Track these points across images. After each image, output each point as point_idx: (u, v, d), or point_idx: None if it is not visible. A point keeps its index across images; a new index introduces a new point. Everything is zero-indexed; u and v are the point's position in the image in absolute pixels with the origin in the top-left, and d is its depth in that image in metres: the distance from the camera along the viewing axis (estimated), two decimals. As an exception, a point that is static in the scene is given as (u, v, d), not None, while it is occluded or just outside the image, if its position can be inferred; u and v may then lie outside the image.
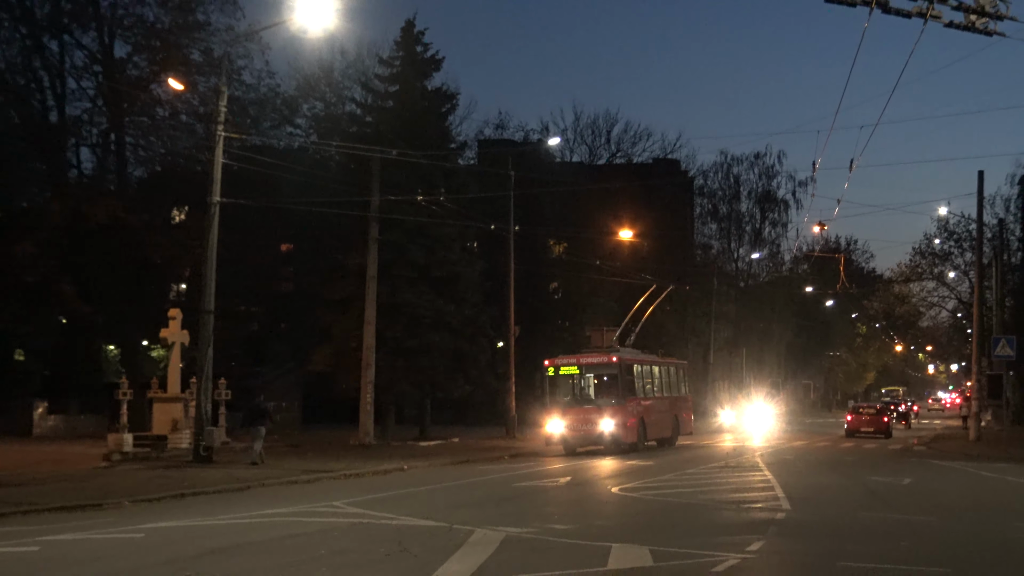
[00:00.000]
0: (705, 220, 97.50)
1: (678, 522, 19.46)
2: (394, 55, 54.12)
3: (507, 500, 23.93)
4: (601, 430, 40.77)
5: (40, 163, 56.98)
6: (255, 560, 15.16)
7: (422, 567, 14.27)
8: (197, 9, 54.97)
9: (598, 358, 42.91)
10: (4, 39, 55.70)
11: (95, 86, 56.63)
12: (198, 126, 52.48)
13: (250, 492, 25.95)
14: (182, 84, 49.29)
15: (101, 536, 17.71)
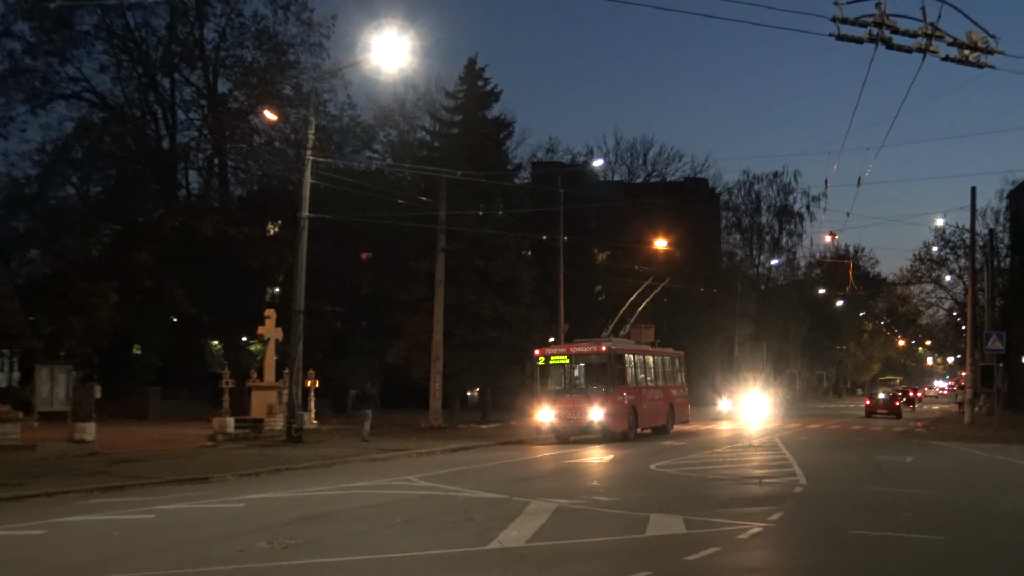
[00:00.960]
0: (730, 231, 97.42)
1: (708, 495, 19.34)
2: (458, 89, 54.20)
3: (557, 475, 23.90)
4: (590, 419, 36.05)
5: (155, 184, 57.56)
6: (339, 526, 15.22)
7: (485, 533, 14.27)
8: (288, 51, 55.40)
9: (587, 348, 37.98)
10: (124, 77, 56.31)
11: (201, 118, 57.16)
12: (289, 151, 52.80)
13: (335, 468, 26.03)
14: (276, 115, 49.66)
15: (208, 505, 17.84)
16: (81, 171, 58.24)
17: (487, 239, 49.91)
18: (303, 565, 11.99)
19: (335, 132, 55.78)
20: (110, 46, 55.32)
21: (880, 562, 12.28)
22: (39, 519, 16.09)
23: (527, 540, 13.70)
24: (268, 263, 52.15)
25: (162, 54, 55.65)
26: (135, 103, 56.89)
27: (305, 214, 34.81)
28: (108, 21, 54.59)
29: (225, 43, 56.08)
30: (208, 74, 56.27)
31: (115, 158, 57.33)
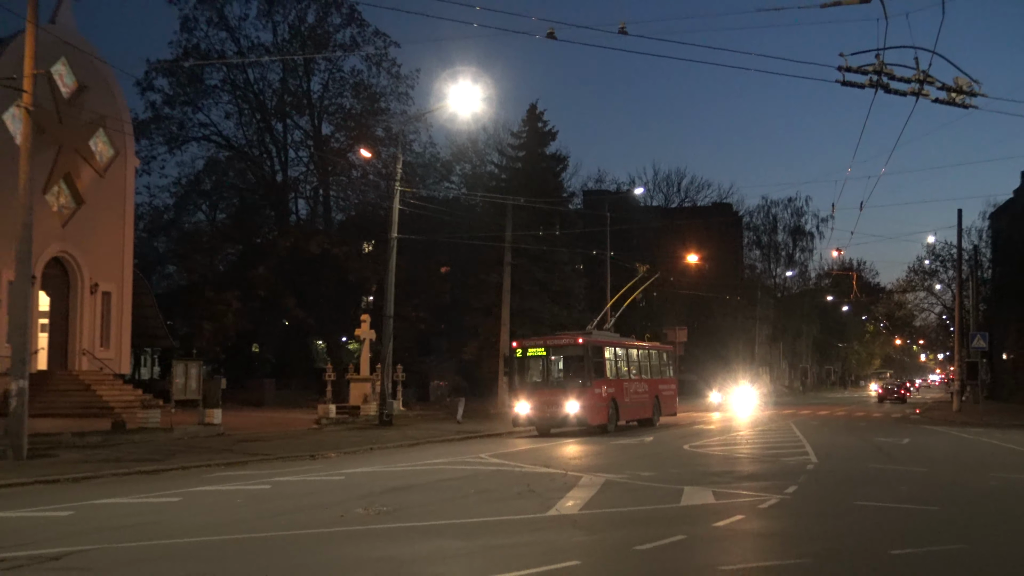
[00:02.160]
0: (751, 248, 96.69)
1: (733, 470, 19.16)
2: (522, 130, 54.33)
3: (605, 454, 23.78)
4: (567, 411, 30.28)
5: (271, 211, 58.18)
6: (423, 495, 15.24)
7: (545, 502, 14.23)
8: (380, 99, 55.93)
9: (564, 340, 32.27)
10: (245, 123, 57.09)
11: (308, 155, 57.77)
12: (381, 183, 53.17)
13: (419, 447, 26.06)
14: (370, 153, 50.07)
15: (315, 478, 17.94)
16: (210, 200, 59.15)
17: (546, 255, 50.03)
18: (393, 528, 12.01)
19: (419, 166, 56.12)
20: (234, 97, 56.14)
21: (881, 528, 12.10)
22: (175, 489, 16.27)
23: (580, 508, 13.63)
24: (363, 276, 52.53)
25: (276, 103, 56.29)
26: (254, 144, 57.62)
27: (394, 235, 34.97)
28: (232, 76, 55.41)
29: (328, 93, 56.75)
30: (314, 119, 56.87)
31: (238, 190, 58.14)
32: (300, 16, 55.46)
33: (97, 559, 10.11)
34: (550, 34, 17.48)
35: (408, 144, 53.04)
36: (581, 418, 30.22)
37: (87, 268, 37.92)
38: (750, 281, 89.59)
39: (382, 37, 55.84)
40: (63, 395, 35.12)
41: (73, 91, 37.55)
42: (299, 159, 58.56)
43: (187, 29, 53.59)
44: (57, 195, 37.14)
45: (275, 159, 57.43)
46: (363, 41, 55.38)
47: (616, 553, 10.42)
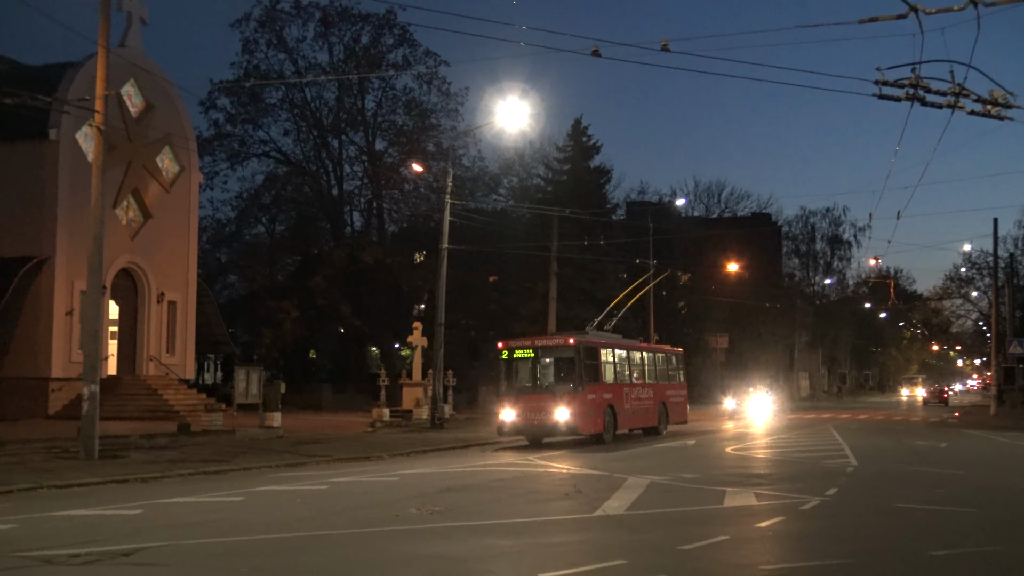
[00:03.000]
0: (790, 256, 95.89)
1: (774, 473, 19.01)
2: (567, 144, 54.38)
3: (649, 456, 23.69)
4: (556, 419, 26.28)
5: (327, 223, 58.62)
6: (474, 495, 15.28)
7: (591, 502, 14.20)
8: (431, 116, 56.22)
9: (554, 341, 28.69)
10: (303, 139, 57.61)
11: (363, 170, 58.15)
12: (432, 196, 53.37)
13: (470, 450, 26.10)
14: (421, 167, 50.31)
15: (370, 479, 18.03)
16: (269, 214, 59.73)
17: (590, 264, 49.98)
18: (445, 527, 12.06)
19: (468, 180, 56.27)
20: (292, 115, 56.66)
21: (920, 529, 11.96)
22: (238, 488, 16.43)
23: (626, 509, 13.60)
24: (415, 285, 52.75)
25: (332, 120, 56.73)
26: (311, 159, 58.12)
27: (445, 246, 35.10)
28: (290, 95, 55.92)
29: (381, 110, 57.12)
30: (368, 135, 57.27)
31: (295, 203, 58.64)
32: (355, 38, 55.93)
33: (166, 555, 10.24)
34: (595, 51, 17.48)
35: (458, 158, 53.21)
36: (571, 426, 26.32)
37: (154, 278, 38.44)
38: (789, 289, 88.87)
39: (433, 56, 56.16)
40: (132, 399, 35.60)
41: (141, 111, 38.13)
42: (354, 173, 59.02)
43: (248, 51, 54.25)
44: (126, 209, 37.70)
45: (331, 174, 57.86)
46: (414, 60, 55.71)
47: (661, 552, 10.39)
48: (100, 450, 21.17)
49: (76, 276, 33.44)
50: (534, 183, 59.27)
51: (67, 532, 11.82)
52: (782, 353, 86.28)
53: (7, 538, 11.33)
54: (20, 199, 34.83)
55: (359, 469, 20.01)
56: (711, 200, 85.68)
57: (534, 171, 61.17)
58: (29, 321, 34.36)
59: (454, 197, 36.93)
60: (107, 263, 29.35)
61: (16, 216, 34.81)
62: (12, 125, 31.85)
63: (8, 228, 34.77)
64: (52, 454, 22.22)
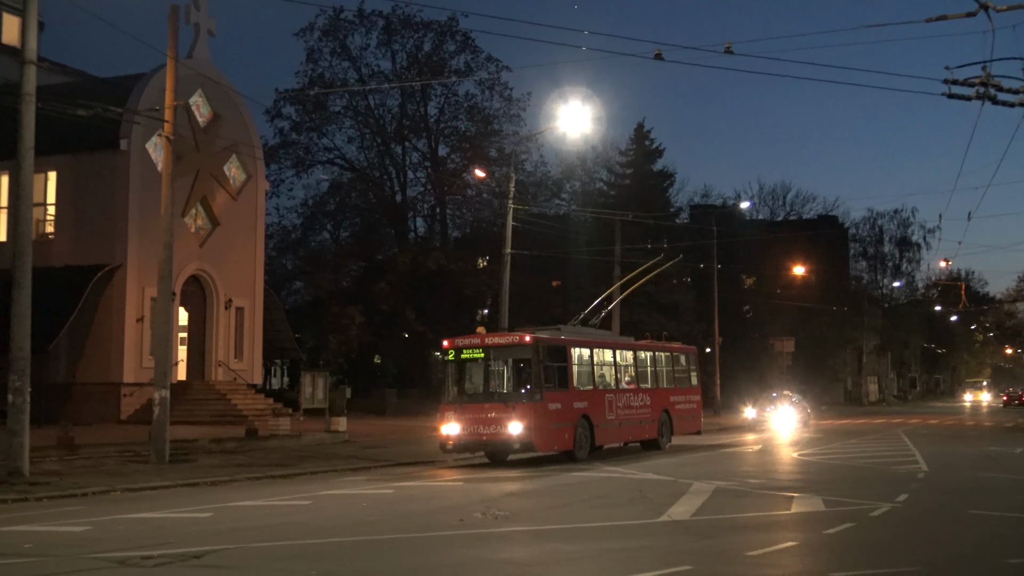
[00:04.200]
0: (857, 259, 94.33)
1: (842, 478, 18.75)
2: (629, 148, 54.30)
3: (715, 461, 23.50)
4: (508, 433, 21.55)
5: (390, 229, 59.05)
6: (537, 500, 15.29)
7: (657, 507, 14.13)
8: (493, 121, 56.35)
9: (508, 339, 23.60)
10: (366, 146, 58.11)
11: (426, 176, 58.49)
12: (495, 201, 53.47)
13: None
14: (484, 173, 50.44)
15: (435, 483, 18.14)
16: (334, 220, 60.31)
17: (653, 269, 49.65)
18: (510, 532, 12.08)
19: (531, 185, 56.28)
20: (356, 122, 57.20)
21: (994, 536, 11.71)
22: (304, 492, 16.62)
23: (692, 514, 13.50)
24: (478, 290, 52.92)
25: (395, 127, 57.16)
26: (375, 166, 58.60)
27: (508, 251, 35.16)
28: (354, 103, 56.46)
29: (444, 117, 57.41)
30: (431, 141, 57.61)
31: (360, 210, 59.17)
32: (417, 45, 56.28)
33: (236, 557, 10.40)
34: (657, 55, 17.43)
35: (520, 163, 53.24)
36: (526, 441, 21.65)
37: (222, 285, 39.01)
38: (856, 292, 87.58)
39: (494, 62, 56.36)
40: (201, 404, 36.15)
41: (209, 120, 38.75)
42: (417, 180, 59.38)
43: (313, 60, 54.89)
44: (195, 217, 38.32)
45: (395, 180, 58.29)
46: (476, 67, 55.93)
47: (727, 558, 10.30)
48: (170, 454, 21.54)
49: (147, 283, 34.06)
50: (597, 187, 59.15)
51: (140, 534, 12.06)
52: (850, 357, 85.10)
53: (82, 540, 11.59)
54: (93, 208, 35.59)
55: (424, 473, 20.12)
56: (776, 203, 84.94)
57: (596, 175, 61.04)
58: (101, 328, 35.07)
59: (517, 202, 36.97)
60: (177, 270, 29.85)
61: (89, 225, 35.57)
62: (85, 136, 32.53)
63: (82, 237, 35.54)
64: (124, 458, 22.66)
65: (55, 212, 36.60)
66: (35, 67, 18.55)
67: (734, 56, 16.63)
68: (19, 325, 17.84)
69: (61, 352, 34.31)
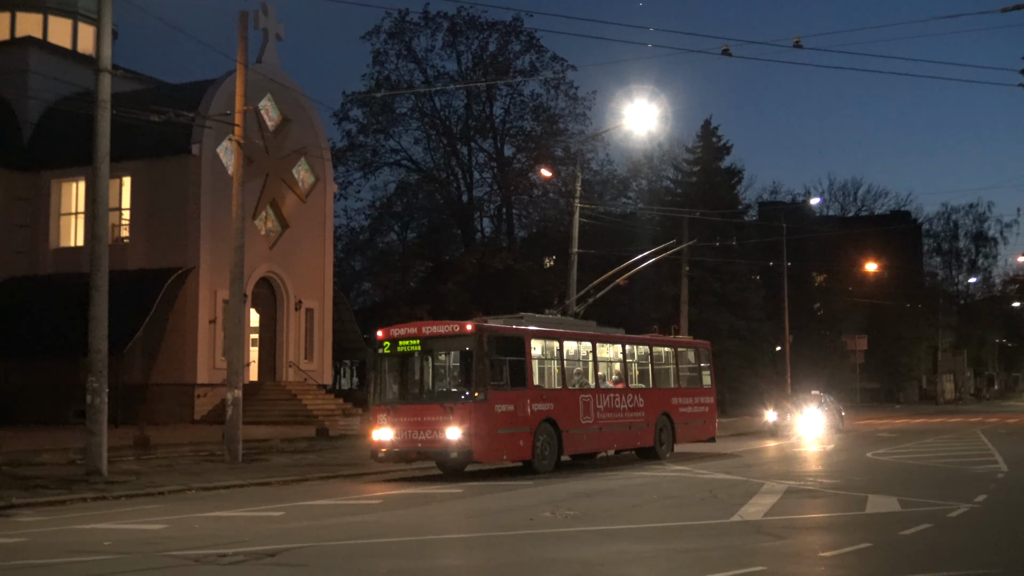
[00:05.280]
0: (931, 255, 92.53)
1: (918, 479, 18.40)
2: (696, 145, 53.88)
3: (787, 461, 23.22)
4: (446, 440, 18.37)
5: (457, 230, 59.31)
6: (607, 501, 15.23)
7: (727, 508, 13.99)
8: (559, 121, 56.32)
9: (447, 328, 19.85)
10: (433, 147, 58.41)
11: (492, 176, 58.65)
12: (561, 200, 53.43)
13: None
14: (550, 172, 50.44)
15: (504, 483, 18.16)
16: (401, 221, 60.80)
17: (722, 267, 49.37)
18: (580, 531, 12.06)
19: (597, 183, 56.14)
20: (422, 123, 57.56)
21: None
22: (376, 492, 16.75)
23: (763, 514, 13.35)
24: (545, 290, 52.86)
25: (461, 128, 57.41)
26: (441, 167, 58.89)
27: (575, 250, 35.13)
28: (420, 104, 56.83)
29: (509, 117, 57.52)
30: (497, 142, 57.75)
31: (427, 210, 59.56)
32: (482, 45, 56.48)
33: (309, 556, 10.52)
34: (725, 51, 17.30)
35: (586, 162, 53.14)
36: (463, 450, 18.40)
37: (292, 286, 39.52)
38: (931, 289, 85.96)
39: (560, 61, 56.33)
40: (272, 404, 36.67)
41: (278, 124, 39.28)
42: (483, 180, 59.59)
43: (379, 62, 55.38)
44: (265, 220, 38.88)
45: (461, 181, 58.56)
46: (542, 66, 55.95)
47: (801, 559, 10.17)
48: (243, 453, 21.87)
49: (219, 286, 34.65)
50: (663, 185, 58.81)
51: (214, 532, 12.26)
52: (924, 355, 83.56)
53: (158, 538, 11.82)
54: (166, 213, 36.31)
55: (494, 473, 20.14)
56: (847, 199, 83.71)
57: (663, 173, 60.69)
58: (175, 330, 35.76)
59: (583, 201, 36.90)
60: (248, 272, 30.32)
61: (163, 229, 36.29)
62: (158, 142, 33.21)
63: (155, 241, 36.28)
64: (199, 457, 23.08)
65: (130, 217, 37.43)
66: (109, 75, 18.98)
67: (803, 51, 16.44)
68: (96, 327, 18.25)
69: (137, 354, 35.06)
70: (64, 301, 33.92)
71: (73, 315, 29.08)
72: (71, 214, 38.86)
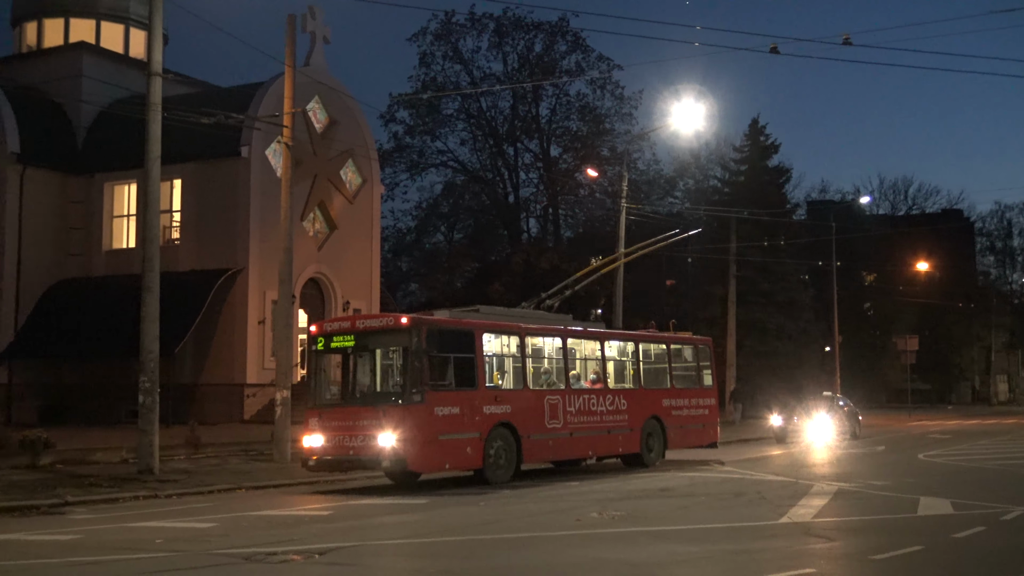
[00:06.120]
0: (984, 254, 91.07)
1: (971, 481, 18.11)
2: (744, 144, 53.49)
3: (836, 463, 22.96)
4: (378, 447, 16.22)
5: (504, 230, 59.40)
6: (656, 501, 15.16)
7: (777, 509, 13.86)
8: (605, 120, 56.27)
9: (381, 322, 18.20)
10: (479, 148, 58.58)
11: (538, 177, 58.66)
12: (607, 200, 53.32)
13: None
14: (596, 172, 50.39)
15: (549, 483, 18.15)
16: (448, 222, 61.02)
17: (771, 266, 48.95)
18: (627, 532, 12.01)
19: (643, 183, 56.02)
20: (468, 124, 57.74)
21: None
22: (421, 491, 16.79)
23: (813, 516, 13.21)
24: (591, 290, 52.74)
25: (507, 128, 57.49)
26: (487, 167, 59.03)
27: (622, 250, 35.02)
28: (466, 106, 57.02)
29: (555, 117, 57.54)
30: (543, 142, 57.75)
31: (473, 211, 59.71)
32: (528, 46, 56.52)
33: (358, 554, 10.57)
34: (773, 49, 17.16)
35: (632, 162, 53.04)
36: (396, 458, 16.26)
37: (339, 287, 39.79)
38: (984, 288, 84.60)
39: (605, 61, 56.23)
40: (321, 404, 36.87)
41: (325, 126, 39.57)
42: (529, 180, 59.63)
43: (425, 64, 55.63)
44: (313, 221, 39.17)
45: (507, 181, 58.65)
46: (587, 66, 55.90)
47: (852, 562, 10.05)
48: (292, 454, 22.03)
49: (267, 286, 34.97)
50: (710, 185, 58.50)
51: (264, 531, 12.37)
52: (977, 355, 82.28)
53: (209, 536, 11.95)
54: (216, 214, 36.70)
55: (539, 475, 20.13)
56: (897, 197, 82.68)
57: (710, 172, 60.38)
58: (225, 330, 36.13)
59: (629, 201, 36.81)
60: (296, 273, 30.55)
61: (212, 231, 36.70)
62: (208, 145, 33.57)
63: (205, 242, 36.69)
64: (248, 456, 23.30)
65: (180, 218, 37.88)
66: (160, 79, 19.23)
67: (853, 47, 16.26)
68: (148, 328, 18.50)
69: (187, 354, 35.47)
70: (117, 302, 34.41)
71: (125, 316, 29.52)
72: (123, 216, 39.41)
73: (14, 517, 14.02)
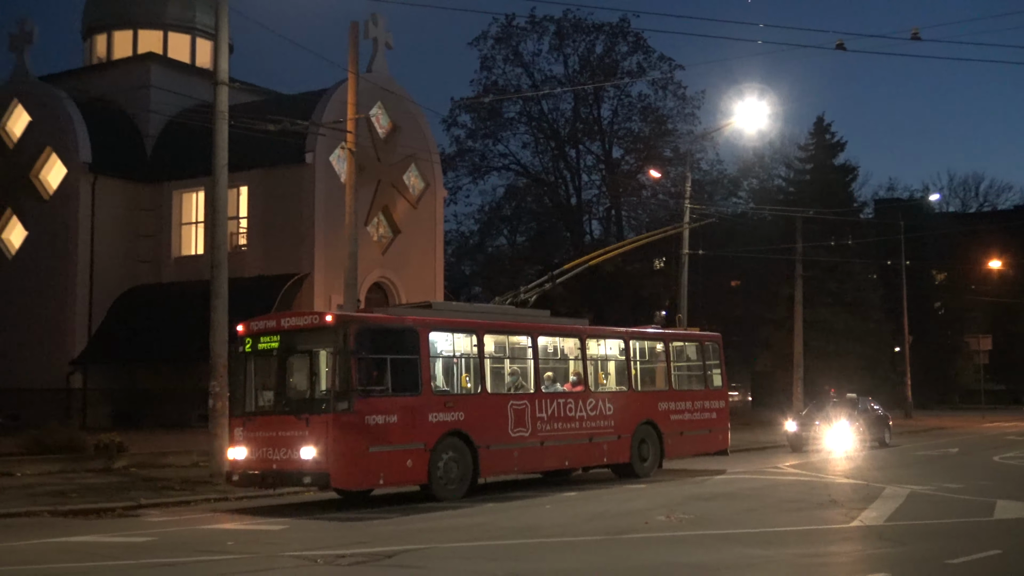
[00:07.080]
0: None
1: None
2: (809, 142, 52.95)
3: (909, 465, 22.59)
4: (301, 458, 14.55)
5: (566, 232, 59.30)
6: (723, 505, 15.04)
7: (848, 512, 13.68)
8: (667, 121, 55.85)
9: (305, 320, 15.92)
10: (541, 151, 58.47)
11: (600, 178, 58.42)
12: (670, 201, 52.92)
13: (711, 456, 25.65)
14: (659, 173, 50.10)
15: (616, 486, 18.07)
16: (510, 225, 61.07)
17: (838, 266, 48.40)
18: (696, 535, 11.94)
19: (707, 184, 55.56)
20: (529, 127, 57.67)
21: None
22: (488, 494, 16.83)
23: (885, 520, 13.01)
24: (655, 291, 52.62)
25: (569, 131, 57.38)
26: (549, 170, 58.96)
27: (685, 251, 34.82)
28: (528, 108, 56.96)
29: (617, 119, 57.23)
30: (605, 144, 57.54)
31: (535, 214, 59.68)
32: (589, 48, 56.34)
33: (426, 557, 10.63)
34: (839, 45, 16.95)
35: (695, 162, 52.61)
36: (318, 472, 14.56)
37: (404, 291, 40.00)
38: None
39: (667, 61, 55.82)
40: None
41: (388, 131, 39.85)
42: (591, 182, 59.42)
43: (486, 68, 55.72)
44: (377, 226, 39.45)
45: (569, 184, 58.51)
46: (649, 67, 55.54)
47: (927, 566, 9.87)
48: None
49: (333, 291, 35.28)
50: (775, 184, 57.89)
51: (333, 533, 12.50)
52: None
53: (279, 538, 12.11)
54: (282, 220, 37.11)
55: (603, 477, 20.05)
56: (968, 194, 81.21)
57: (775, 172, 59.72)
58: (292, 335, 36.45)
59: (693, 202, 36.56)
60: (361, 278, 30.76)
61: (278, 236, 37.11)
62: (273, 151, 33.96)
63: (272, 248, 37.12)
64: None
65: (247, 225, 38.34)
66: (227, 88, 19.52)
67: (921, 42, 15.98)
68: (217, 333, 18.77)
69: (255, 358, 35.82)
70: (186, 308, 34.91)
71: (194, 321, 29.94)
72: (191, 223, 40.03)
73: (90, 519, 14.35)
